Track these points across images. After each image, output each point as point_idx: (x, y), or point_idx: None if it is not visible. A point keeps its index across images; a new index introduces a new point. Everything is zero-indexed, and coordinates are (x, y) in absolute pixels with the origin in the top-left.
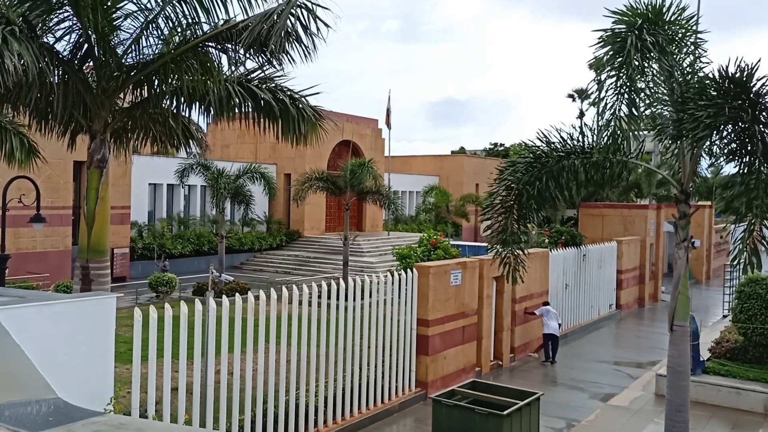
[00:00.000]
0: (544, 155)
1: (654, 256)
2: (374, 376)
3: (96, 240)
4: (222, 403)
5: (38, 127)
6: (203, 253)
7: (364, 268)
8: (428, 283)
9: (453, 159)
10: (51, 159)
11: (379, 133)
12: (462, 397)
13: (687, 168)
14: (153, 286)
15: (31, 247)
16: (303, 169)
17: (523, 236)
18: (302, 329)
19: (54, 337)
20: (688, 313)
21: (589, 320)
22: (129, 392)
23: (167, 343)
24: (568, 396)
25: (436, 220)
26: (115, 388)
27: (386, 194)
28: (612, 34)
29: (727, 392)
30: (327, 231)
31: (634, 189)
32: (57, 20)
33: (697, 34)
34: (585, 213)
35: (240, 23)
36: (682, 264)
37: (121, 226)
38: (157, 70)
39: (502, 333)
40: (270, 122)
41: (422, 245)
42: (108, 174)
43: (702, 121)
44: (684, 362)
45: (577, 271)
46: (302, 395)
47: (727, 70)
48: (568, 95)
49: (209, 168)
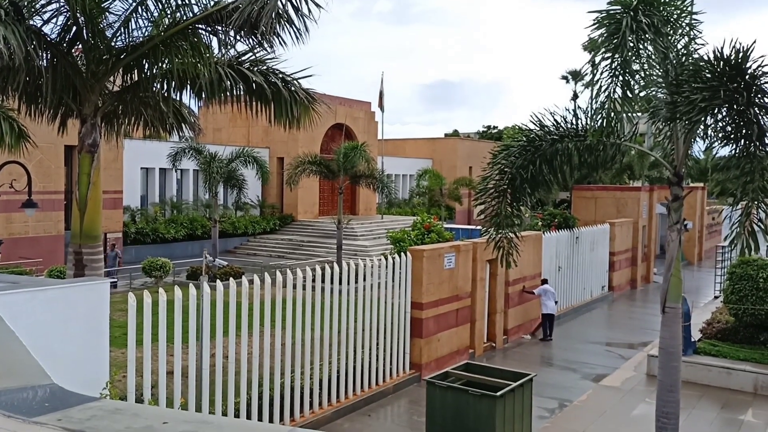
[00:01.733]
0: (537, 139)
1: (646, 237)
2: (368, 358)
3: (88, 225)
4: (217, 387)
5: (27, 111)
6: (196, 238)
7: (357, 252)
8: (422, 266)
9: (446, 142)
10: (42, 143)
11: (372, 116)
12: (456, 379)
13: (680, 150)
14: (146, 270)
15: (23, 232)
16: (296, 152)
17: (516, 220)
18: (296, 313)
19: (48, 323)
20: (680, 294)
21: (581, 302)
22: (125, 376)
23: (162, 328)
24: (560, 377)
25: (430, 203)
26: (110, 373)
27: (379, 178)
28: (607, 15)
29: (717, 372)
30: (320, 215)
31: (627, 171)
32: (44, 2)
33: (692, 15)
34: (578, 195)
35: (230, 4)
36: (674, 246)
37: (113, 211)
38: (147, 52)
39: (495, 315)
40: (262, 105)
41: (416, 229)
42: (99, 158)
43: (697, 104)
44: (675, 343)
45: (569, 254)
46: (297, 378)
47: (722, 51)
48: (562, 77)
49: (201, 152)
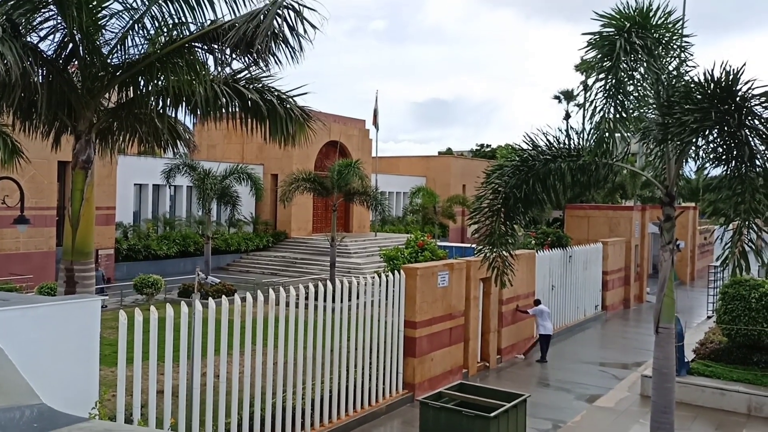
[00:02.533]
0: (530, 158)
1: (639, 257)
2: (361, 378)
3: (81, 241)
4: (208, 406)
5: (22, 127)
6: (189, 254)
7: (351, 270)
8: (415, 284)
9: (440, 160)
10: (35, 159)
11: (366, 133)
12: (449, 399)
13: (672, 171)
14: (138, 287)
15: (14, 248)
16: (290, 169)
17: (511, 239)
18: (289, 331)
19: (38, 341)
20: (674, 315)
21: (575, 321)
22: (114, 395)
23: (153, 346)
24: (554, 397)
25: (423, 221)
26: (100, 392)
27: (373, 195)
28: (601, 37)
29: (711, 393)
30: (314, 232)
31: (619, 190)
32: (41, 19)
33: (683, 37)
34: (571, 214)
35: (226, 23)
36: (667, 266)
37: (105, 227)
38: (143, 70)
39: (489, 334)
40: (257, 122)
41: (409, 246)
42: (93, 175)
43: (688, 125)
44: (669, 364)
45: (563, 273)
46: (289, 398)
47: (713, 73)
48: (555, 96)
49: (196, 168)
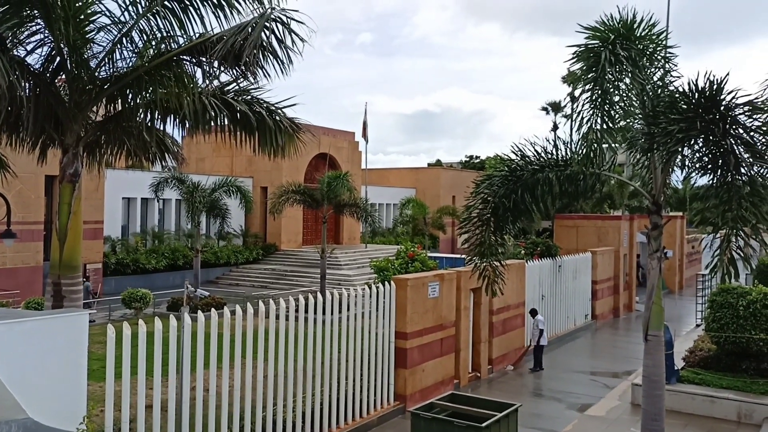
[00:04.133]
0: (519, 169)
1: (628, 266)
2: (352, 390)
3: (68, 256)
4: (198, 420)
5: (9, 140)
6: (178, 268)
7: (341, 281)
8: (406, 295)
9: (429, 171)
10: (22, 173)
11: (356, 146)
12: (441, 410)
13: (659, 180)
14: (126, 301)
15: (1, 263)
16: (280, 182)
17: (501, 248)
18: (279, 344)
19: (25, 356)
20: (662, 322)
21: (565, 330)
22: (102, 410)
23: (141, 360)
24: (545, 407)
25: (414, 232)
26: (88, 407)
27: (363, 207)
28: (586, 49)
29: (701, 400)
30: (304, 244)
31: (607, 200)
32: (28, 33)
33: (667, 48)
34: (560, 224)
35: (215, 36)
36: (655, 274)
37: (93, 242)
38: (131, 83)
39: (480, 345)
40: (247, 134)
41: (400, 258)
42: (80, 188)
43: (674, 135)
44: (659, 371)
45: (552, 282)
46: (279, 411)
47: (697, 83)
48: (542, 108)
49: (184, 181)
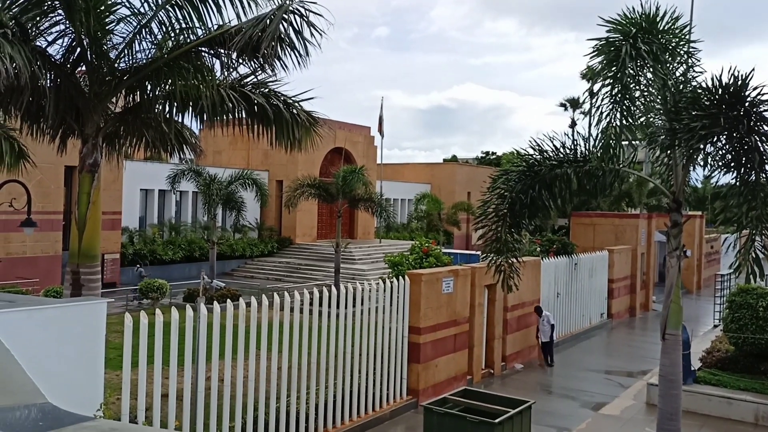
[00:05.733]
0: (536, 164)
1: (645, 265)
2: (365, 383)
3: (87, 245)
4: (212, 410)
5: (30, 131)
6: (194, 260)
7: (355, 276)
8: (420, 290)
9: (445, 167)
10: (42, 163)
11: (371, 140)
12: (453, 405)
13: (679, 177)
14: (143, 291)
15: (21, 252)
16: (295, 175)
17: (517, 244)
18: (293, 336)
19: (44, 342)
20: (680, 321)
21: (580, 329)
22: (119, 398)
23: (158, 350)
24: (559, 405)
25: (428, 228)
26: (105, 394)
27: (378, 201)
28: (606, 43)
29: (718, 402)
30: (319, 238)
31: (626, 198)
32: (49, 24)
33: (690, 43)
34: (576, 222)
35: (233, 28)
36: (674, 273)
37: (111, 232)
38: (150, 74)
39: (493, 341)
40: (263, 127)
41: (414, 253)
42: (99, 178)
43: (696, 131)
44: (676, 371)
45: (568, 280)
46: (293, 402)
47: (721, 79)
48: (560, 104)
49: (201, 174)
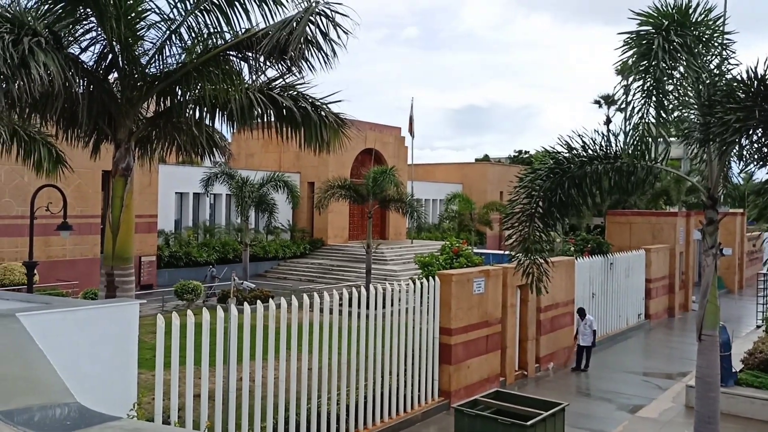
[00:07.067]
0: (565, 161)
1: (684, 264)
2: (396, 384)
3: (120, 247)
4: (244, 410)
5: (64, 136)
6: (228, 261)
7: (387, 276)
8: (450, 291)
9: (476, 167)
10: (80, 169)
11: (402, 141)
12: (485, 407)
13: (714, 173)
14: (179, 293)
15: (61, 255)
16: (326, 177)
17: (547, 244)
18: (324, 337)
19: (77, 343)
20: (717, 321)
21: (617, 330)
22: (153, 399)
23: (190, 350)
24: (595, 407)
25: (460, 228)
26: (138, 395)
27: (409, 202)
28: (638, 36)
29: (760, 404)
30: (350, 239)
31: (663, 196)
32: (82, 31)
33: (724, 34)
34: (612, 221)
35: (260, 31)
36: (710, 271)
37: (148, 235)
38: (180, 79)
39: (527, 342)
40: (292, 130)
41: (444, 253)
42: (132, 182)
43: (731, 124)
44: (713, 372)
45: (604, 280)
46: (324, 403)
47: (756, 71)
48: (594, 101)
49: (234, 177)
